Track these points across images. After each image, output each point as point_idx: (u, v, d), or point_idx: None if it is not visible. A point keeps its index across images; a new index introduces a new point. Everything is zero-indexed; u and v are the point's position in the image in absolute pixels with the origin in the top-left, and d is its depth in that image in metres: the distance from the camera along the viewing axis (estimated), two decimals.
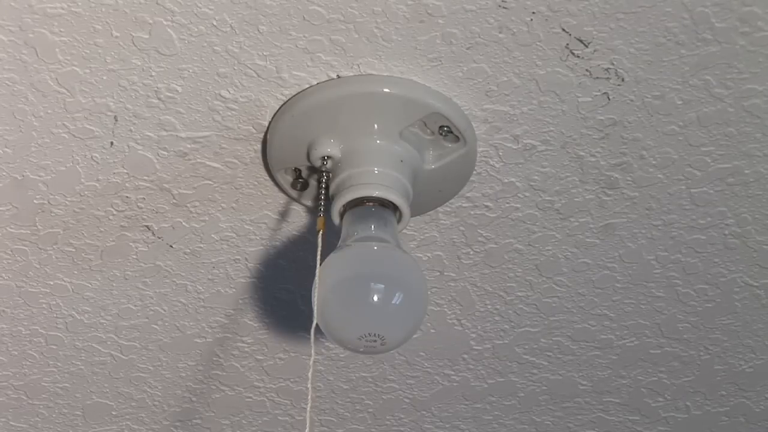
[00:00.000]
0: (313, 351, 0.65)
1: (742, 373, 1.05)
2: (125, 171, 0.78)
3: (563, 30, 0.69)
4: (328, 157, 0.73)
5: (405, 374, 1.01)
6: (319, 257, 0.67)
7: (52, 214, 0.81)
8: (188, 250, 0.86)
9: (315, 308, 0.65)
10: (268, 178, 0.80)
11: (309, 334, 0.65)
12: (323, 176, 0.74)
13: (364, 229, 0.70)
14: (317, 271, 0.67)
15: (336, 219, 0.72)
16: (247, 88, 0.72)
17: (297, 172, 0.78)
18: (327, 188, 0.74)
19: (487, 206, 0.84)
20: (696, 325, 0.98)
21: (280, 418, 1.05)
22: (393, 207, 0.72)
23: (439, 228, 0.86)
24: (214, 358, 0.98)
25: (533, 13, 0.67)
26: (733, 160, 0.81)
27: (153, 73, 0.70)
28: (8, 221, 0.80)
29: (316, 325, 0.67)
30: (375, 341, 0.69)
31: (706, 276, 0.93)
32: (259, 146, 0.77)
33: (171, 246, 0.85)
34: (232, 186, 0.80)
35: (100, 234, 0.83)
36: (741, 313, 0.97)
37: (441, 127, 0.74)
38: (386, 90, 0.72)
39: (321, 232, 0.69)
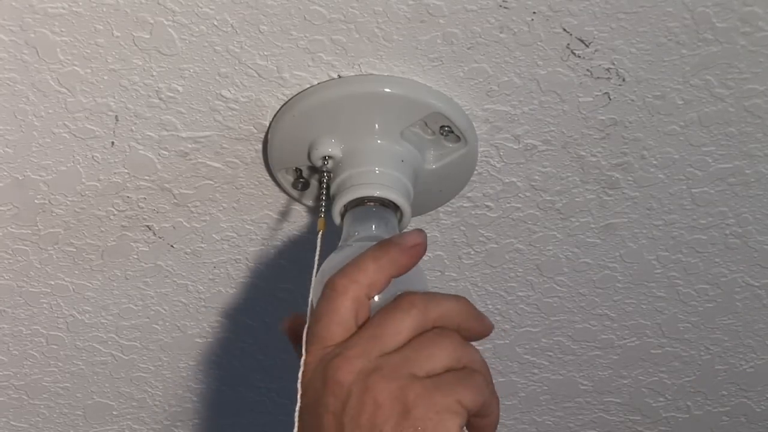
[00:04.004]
0: (304, 350, 0.65)
1: (743, 373, 1.05)
2: (126, 171, 0.78)
3: (564, 30, 0.69)
4: (329, 156, 0.73)
5: None
6: (317, 258, 0.67)
7: (53, 214, 0.80)
8: (189, 250, 0.86)
9: (309, 309, 0.65)
10: (269, 177, 0.79)
11: None
12: (324, 176, 0.73)
13: (365, 229, 0.70)
14: (314, 271, 0.66)
15: (337, 219, 0.72)
16: (248, 88, 0.72)
17: (298, 172, 0.78)
18: (328, 188, 0.73)
19: (488, 206, 0.84)
20: (697, 325, 0.98)
21: (280, 418, 1.05)
22: (394, 207, 0.72)
23: (440, 228, 0.86)
24: (215, 358, 0.98)
25: (534, 13, 0.67)
26: (734, 160, 0.81)
27: (154, 73, 0.70)
28: (9, 221, 0.80)
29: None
30: None
31: (707, 276, 0.93)
32: (260, 146, 0.77)
33: (172, 246, 0.85)
34: (233, 186, 0.80)
35: (101, 234, 0.83)
36: (742, 313, 0.97)
37: (442, 127, 0.74)
38: (387, 90, 0.72)
39: (321, 233, 0.68)
